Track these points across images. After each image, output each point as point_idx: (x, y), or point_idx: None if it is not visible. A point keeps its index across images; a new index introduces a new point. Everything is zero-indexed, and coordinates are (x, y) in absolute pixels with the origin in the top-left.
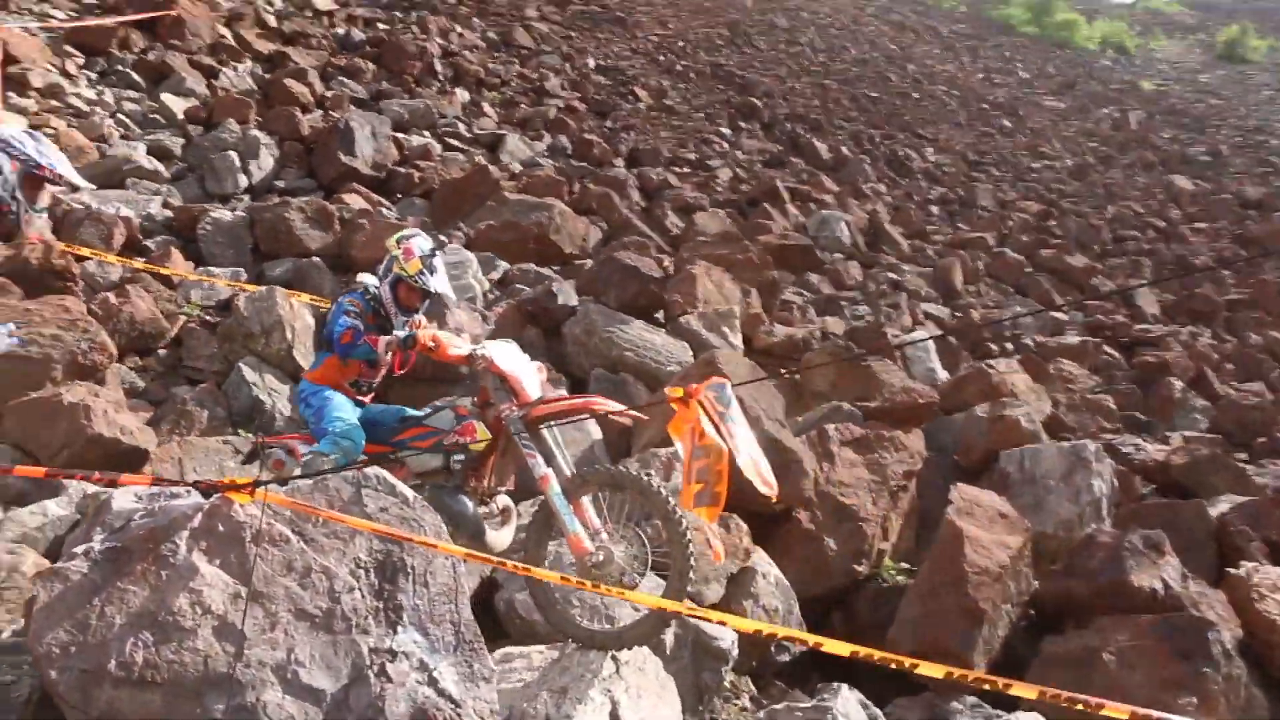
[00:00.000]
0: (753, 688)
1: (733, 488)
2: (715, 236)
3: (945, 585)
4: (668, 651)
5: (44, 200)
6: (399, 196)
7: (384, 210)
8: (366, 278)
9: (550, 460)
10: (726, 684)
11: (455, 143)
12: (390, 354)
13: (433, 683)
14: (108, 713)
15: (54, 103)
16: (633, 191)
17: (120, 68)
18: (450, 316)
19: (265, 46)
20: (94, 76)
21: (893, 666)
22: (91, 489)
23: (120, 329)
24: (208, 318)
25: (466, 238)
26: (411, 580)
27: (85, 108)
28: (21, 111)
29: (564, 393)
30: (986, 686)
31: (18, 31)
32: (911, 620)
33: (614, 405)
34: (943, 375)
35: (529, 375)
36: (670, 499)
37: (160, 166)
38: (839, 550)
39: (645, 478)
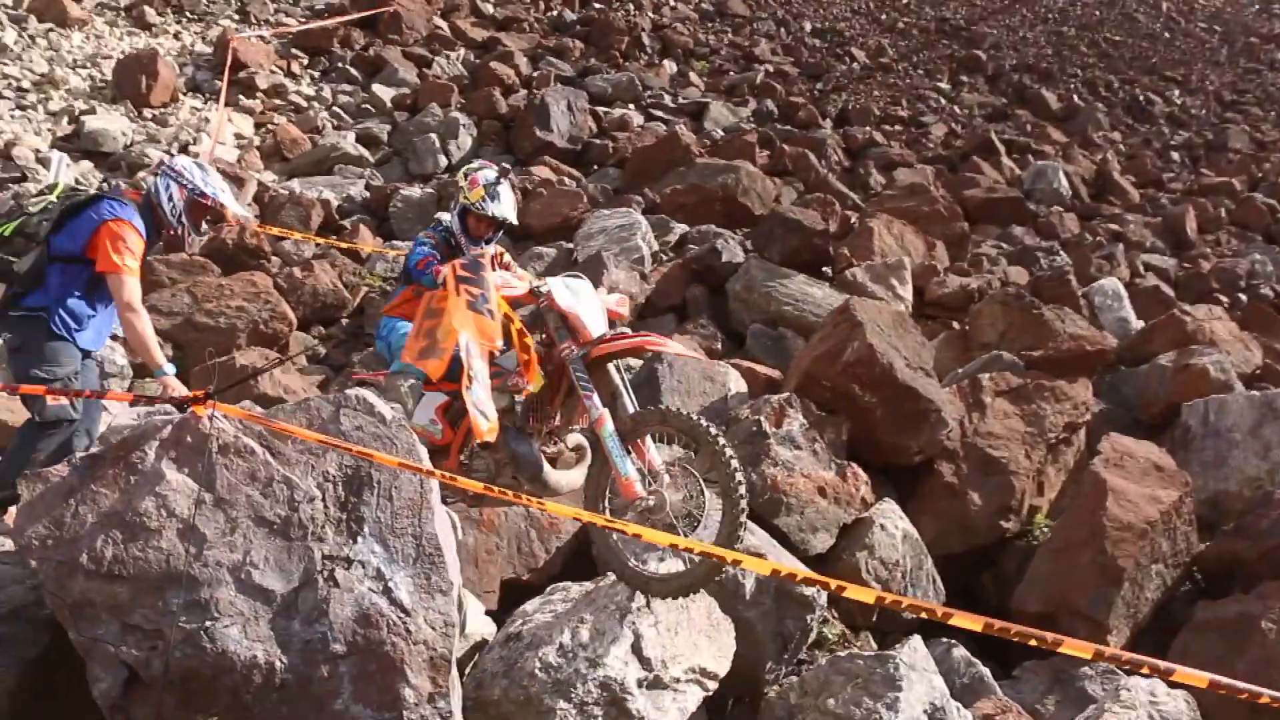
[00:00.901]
0: (873, 644)
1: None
2: (903, 190)
3: (1081, 541)
4: (747, 596)
5: (205, 227)
6: (595, 167)
7: (564, 180)
8: (443, 215)
9: (616, 399)
10: (832, 635)
11: (658, 113)
12: None
13: (386, 592)
14: (80, 600)
15: (277, 101)
16: (835, 151)
17: (340, 65)
18: (606, 275)
19: (479, 34)
20: (316, 75)
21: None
22: None
23: (304, 300)
24: (388, 288)
25: (650, 202)
26: (376, 494)
27: (304, 104)
28: (249, 112)
29: (627, 330)
30: (969, 625)
31: (251, 40)
32: (1041, 578)
33: (674, 346)
34: (1137, 325)
35: (592, 312)
36: (727, 449)
37: (365, 152)
38: (983, 505)
39: (703, 423)
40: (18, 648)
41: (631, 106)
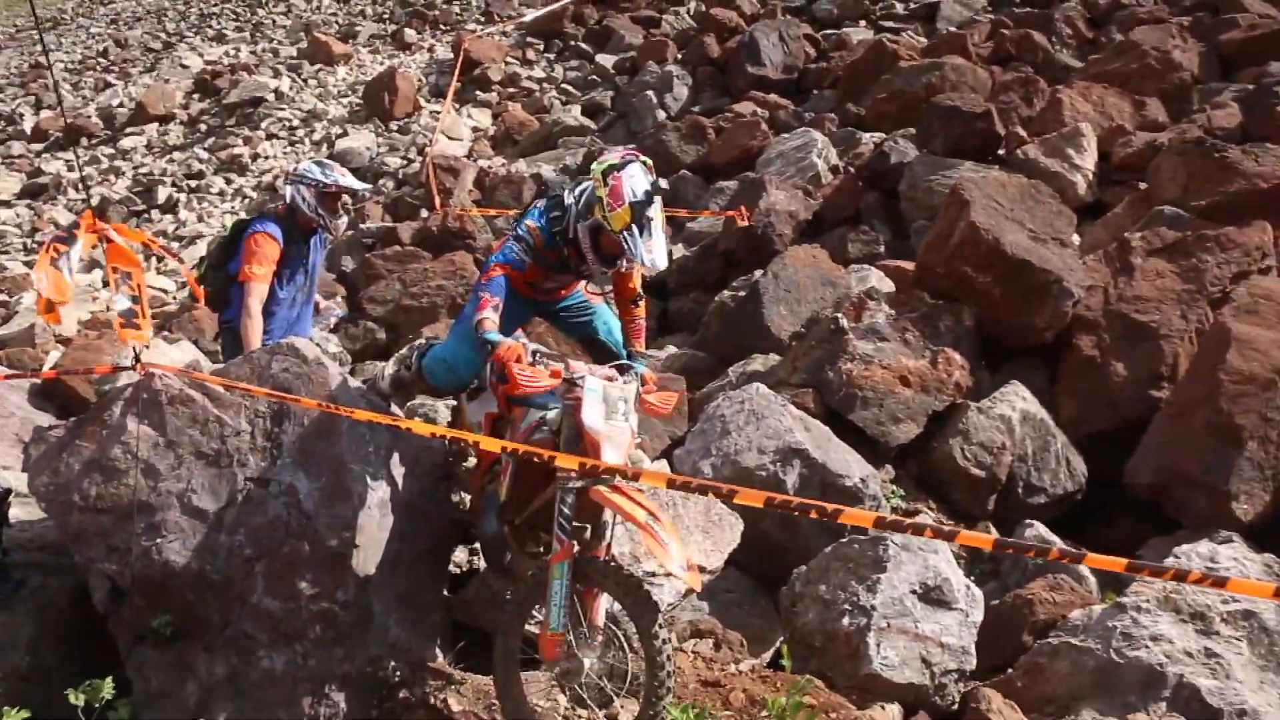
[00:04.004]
0: (994, 531)
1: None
2: (1109, 52)
3: (1199, 400)
4: (790, 490)
5: (341, 210)
6: (814, 92)
7: (756, 112)
8: (570, 194)
9: (598, 535)
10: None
11: (888, 23)
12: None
13: (296, 504)
14: (78, 531)
15: (511, 89)
16: (1072, 25)
17: (572, 43)
18: (765, 198)
19: None
20: (551, 58)
21: None
22: None
23: None
24: None
25: (853, 116)
26: (293, 422)
27: (535, 87)
28: (486, 105)
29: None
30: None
31: (485, 38)
32: (1154, 446)
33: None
34: None
35: (615, 436)
36: (658, 628)
37: (588, 121)
38: (1128, 376)
39: (646, 599)
40: (67, 573)
41: (862, 23)
